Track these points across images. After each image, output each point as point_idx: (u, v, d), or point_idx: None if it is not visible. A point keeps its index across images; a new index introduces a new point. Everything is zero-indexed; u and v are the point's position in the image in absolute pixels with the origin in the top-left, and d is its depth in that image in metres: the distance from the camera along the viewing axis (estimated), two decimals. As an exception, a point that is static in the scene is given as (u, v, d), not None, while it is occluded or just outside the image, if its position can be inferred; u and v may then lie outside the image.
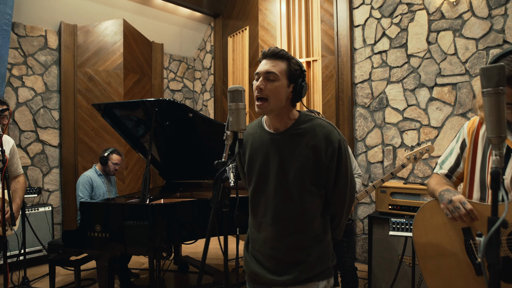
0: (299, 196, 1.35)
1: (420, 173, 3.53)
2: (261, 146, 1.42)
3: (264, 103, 1.33)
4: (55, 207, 4.53)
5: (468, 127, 1.49)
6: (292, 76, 1.35)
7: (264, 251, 1.43)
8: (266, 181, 1.40)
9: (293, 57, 1.38)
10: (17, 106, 4.26)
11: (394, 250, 2.99)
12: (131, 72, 5.04)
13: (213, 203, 1.08)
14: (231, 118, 1.19)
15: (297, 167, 1.35)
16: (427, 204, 1.48)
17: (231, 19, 5.40)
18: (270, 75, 1.32)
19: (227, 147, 1.20)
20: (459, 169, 1.52)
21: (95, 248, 2.57)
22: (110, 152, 3.67)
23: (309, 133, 1.36)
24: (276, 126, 1.41)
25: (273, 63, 1.33)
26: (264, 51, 1.37)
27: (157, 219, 2.48)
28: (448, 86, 3.35)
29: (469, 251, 1.35)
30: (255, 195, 1.45)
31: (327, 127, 1.37)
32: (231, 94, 1.21)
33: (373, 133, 3.89)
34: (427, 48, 3.47)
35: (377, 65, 3.85)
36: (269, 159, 1.39)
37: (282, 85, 1.33)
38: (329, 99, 4.16)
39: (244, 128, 1.22)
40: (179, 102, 2.86)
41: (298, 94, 1.37)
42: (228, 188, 1.13)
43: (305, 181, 1.35)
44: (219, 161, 1.15)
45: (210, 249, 4.81)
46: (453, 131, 3.31)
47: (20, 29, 4.27)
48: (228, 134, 1.21)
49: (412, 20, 3.56)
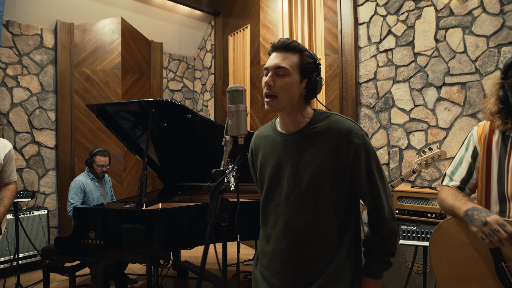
0: (314, 204, 1.20)
1: (428, 175, 3.40)
2: (274, 149, 1.28)
3: (273, 100, 1.18)
4: (52, 210, 4.41)
5: (479, 134, 1.35)
6: (305, 71, 1.21)
7: (272, 267, 1.27)
8: (277, 187, 1.26)
9: (306, 49, 1.23)
10: (12, 107, 4.14)
11: (401, 257, 2.87)
12: (129, 72, 4.93)
13: (211, 216, 0.95)
14: (231, 121, 1.06)
15: (312, 170, 1.19)
16: (444, 223, 1.33)
17: (232, 17, 5.28)
18: (280, 70, 1.18)
19: (226, 154, 1.07)
20: (472, 180, 1.38)
21: (89, 256, 2.45)
22: (93, 154, 3.50)
23: (326, 131, 1.21)
24: (288, 126, 1.27)
25: (283, 56, 1.19)
26: (274, 42, 1.23)
27: (154, 225, 2.36)
28: (457, 85, 3.22)
29: (501, 275, 1.20)
30: (266, 202, 1.31)
31: (346, 123, 1.22)
32: (230, 95, 1.08)
33: (378, 134, 3.77)
34: (435, 46, 3.34)
35: (382, 64, 3.72)
36: (282, 163, 1.25)
37: (293, 81, 1.19)
38: (332, 99, 4.04)
39: (245, 132, 1.08)
40: (177, 102, 2.73)
41: (313, 90, 1.22)
42: (228, 200, 1.00)
43: (322, 186, 1.19)
44: (217, 170, 1.02)
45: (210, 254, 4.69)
46: (462, 132, 3.18)
47: (15, 27, 4.15)
48: (227, 140, 1.07)
49: (419, 17, 3.43)
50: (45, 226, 3.92)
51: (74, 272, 2.98)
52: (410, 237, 1.94)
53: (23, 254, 3.74)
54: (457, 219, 1.30)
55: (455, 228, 1.30)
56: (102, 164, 3.54)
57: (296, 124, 1.26)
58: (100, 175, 3.61)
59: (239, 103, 1.06)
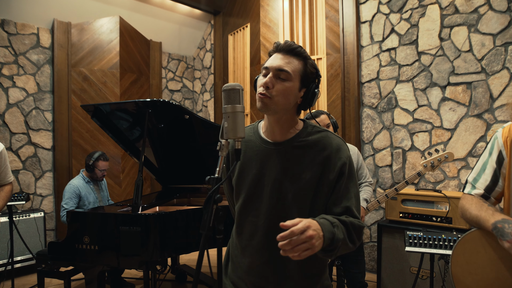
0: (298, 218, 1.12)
1: (432, 178, 3.32)
2: (256, 156, 1.20)
3: (268, 98, 1.10)
4: (48, 212, 4.34)
5: (504, 137, 1.22)
6: (306, 80, 1.15)
7: (248, 279, 1.21)
8: (257, 199, 1.19)
9: (310, 57, 1.17)
10: (8, 107, 4.07)
11: (405, 261, 2.79)
12: (128, 72, 4.85)
13: (204, 229, 0.87)
14: (227, 123, 0.97)
15: (299, 186, 1.14)
16: (468, 235, 1.22)
17: (232, 17, 5.20)
18: (282, 73, 1.10)
19: (221, 159, 0.98)
20: (498, 188, 1.26)
21: (83, 262, 2.38)
22: (95, 159, 3.42)
23: (316, 146, 1.16)
24: (275, 134, 1.19)
25: (287, 60, 1.12)
26: (279, 43, 1.15)
27: (150, 230, 2.28)
28: (462, 85, 3.14)
29: None
30: (243, 213, 1.22)
31: (337, 140, 1.19)
32: (226, 94, 0.99)
33: (381, 135, 3.68)
34: (440, 45, 3.26)
35: (385, 63, 3.64)
36: (265, 174, 1.18)
37: (293, 87, 1.13)
38: (334, 99, 3.96)
39: (243, 135, 0.99)
40: (174, 103, 2.66)
41: (309, 101, 1.16)
42: (223, 210, 0.92)
43: (307, 203, 1.14)
44: (211, 177, 0.94)
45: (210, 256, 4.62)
46: (468, 133, 3.10)
47: (11, 26, 4.08)
48: (223, 144, 0.98)
49: (423, 15, 3.35)
50: (41, 229, 3.84)
51: (69, 277, 2.89)
52: (416, 243, 1.86)
53: (20, 257, 3.67)
54: (483, 231, 1.19)
55: (482, 241, 1.19)
56: (104, 169, 3.48)
57: (283, 133, 1.19)
58: (100, 179, 3.54)
59: (235, 103, 0.97)
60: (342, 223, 1.08)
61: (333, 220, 1.06)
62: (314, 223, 0.98)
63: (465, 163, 3.11)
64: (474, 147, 3.07)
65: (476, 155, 3.05)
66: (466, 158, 3.11)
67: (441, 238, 1.82)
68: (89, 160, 3.44)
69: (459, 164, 3.15)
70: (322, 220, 1.04)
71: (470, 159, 3.08)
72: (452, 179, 3.19)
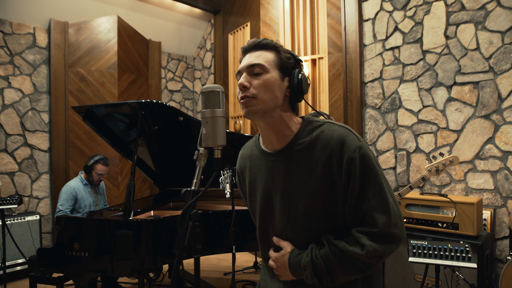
0: (316, 234, 1.00)
1: (437, 181, 3.20)
2: (260, 172, 1.07)
3: (251, 100, 0.96)
4: (45, 215, 4.26)
5: None
6: (285, 68, 1.01)
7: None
8: (272, 219, 1.06)
9: (281, 46, 1.03)
10: (3, 108, 4.00)
11: (409, 269, 2.67)
12: (126, 72, 4.77)
13: (178, 248, 0.77)
14: (205, 129, 0.86)
15: (307, 199, 0.98)
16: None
17: (232, 15, 5.10)
18: (255, 68, 0.97)
19: (199, 170, 0.87)
20: None
21: (73, 269, 2.29)
22: (95, 161, 3.37)
23: (316, 145, 0.98)
24: (273, 142, 1.04)
25: (256, 55, 1.00)
26: (244, 46, 1.03)
27: (142, 236, 2.19)
28: (469, 85, 3.02)
29: None
30: (262, 236, 1.11)
31: (338, 131, 0.97)
32: (205, 97, 0.88)
33: (384, 137, 3.57)
34: (445, 43, 3.14)
35: (389, 62, 3.52)
36: (272, 190, 1.04)
37: (272, 78, 0.98)
38: (336, 100, 3.84)
39: (223, 143, 0.87)
40: (167, 104, 2.56)
41: (298, 89, 0.99)
42: (200, 227, 0.81)
43: (322, 215, 0.98)
44: (187, 190, 0.83)
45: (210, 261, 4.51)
46: (475, 135, 2.97)
47: (6, 26, 4.01)
48: (201, 153, 0.87)
49: (428, 13, 3.23)
50: (35, 233, 3.76)
51: (62, 283, 2.81)
52: (421, 253, 1.74)
53: (14, 261, 3.59)
54: None
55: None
56: (102, 173, 3.42)
57: (281, 139, 1.03)
58: (96, 183, 3.48)
59: (215, 107, 0.86)
60: (328, 255, 0.95)
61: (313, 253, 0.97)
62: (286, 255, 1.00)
63: (472, 166, 2.99)
64: (482, 149, 2.94)
65: (484, 157, 2.92)
66: (473, 160, 2.98)
67: (447, 248, 1.71)
68: (89, 161, 3.40)
69: (465, 167, 3.02)
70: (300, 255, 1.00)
71: (477, 161, 2.96)
72: (459, 183, 3.07)
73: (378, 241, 0.92)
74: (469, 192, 3.00)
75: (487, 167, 2.90)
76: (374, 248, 0.91)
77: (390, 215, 0.93)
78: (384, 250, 0.92)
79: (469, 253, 1.65)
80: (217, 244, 2.49)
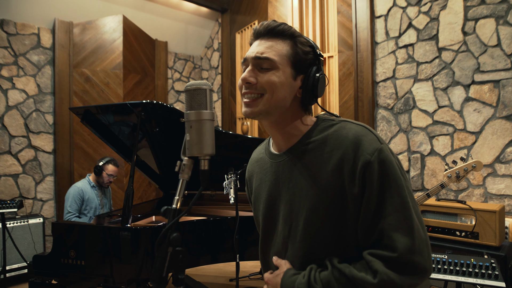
0: (320, 252, 0.83)
1: (454, 185, 3.02)
2: (265, 176, 0.94)
3: (255, 100, 0.84)
4: (49, 217, 4.20)
5: None
6: (301, 63, 0.85)
7: None
8: (274, 231, 0.92)
9: (301, 34, 0.87)
10: (7, 110, 3.95)
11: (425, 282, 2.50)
12: (131, 72, 4.69)
13: (155, 280, 0.63)
14: (189, 135, 0.73)
15: (309, 207, 0.82)
16: None
17: (239, 14, 4.98)
18: (263, 62, 0.83)
19: (181, 183, 0.74)
20: None
21: (69, 278, 2.19)
22: (106, 162, 3.33)
23: (326, 146, 0.83)
24: (279, 143, 0.91)
25: (268, 44, 0.85)
26: (256, 27, 0.87)
27: (140, 244, 2.08)
28: (489, 83, 2.83)
29: None
30: (264, 249, 0.97)
31: (354, 130, 0.82)
32: (189, 96, 0.74)
33: (397, 139, 3.40)
34: (463, 40, 2.96)
35: (402, 60, 3.35)
36: (276, 196, 0.91)
37: (283, 77, 0.83)
38: (346, 100, 3.69)
39: (211, 152, 0.73)
40: (168, 105, 2.44)
41: (312, 91, 0.86)
42: (183, 253, 0.67)
43: (327, 236, 0.82)
44: (167, 208, 0.70)
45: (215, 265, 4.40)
46: (495, 136, 2.79)
47: (10, 26, 3.96)
48: (185, 163, 0.74)
49: (445, 8, 3.06)
50: (37, 236, 3.69)
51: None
52: (440, 269, 1.58)
53: (15, 265, 3.52)
54: None
55: None
56: (112, 174, 3.39)
57: (288, 138, 0.90)
58: (106, 185, 3.45)
59: (201, 109, 0.72)
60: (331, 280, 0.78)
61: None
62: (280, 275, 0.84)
63: (491, 170, 2.81)
64: (503, 153, 2.76)
65: (505, 161, 2.74)
66: (493, 164, 2.80)
67: (470, 264, 1.54)
68: (100, 161, 3.38)
69: (485, 171, 2.84)
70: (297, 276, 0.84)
71: (498, 165, 2.78)
72: (477, 188, 2.89)
73: (396, 269, 0.73)
74: (488, 198, 2.82)
75: (509, 171, 2.72)
76: (390, 278, 0.72)
77: (414, 238, 0.74)
78: (402, 283, 0.73)
79: (495, 270, 1.49)
80: (218, 249, 2.38)
